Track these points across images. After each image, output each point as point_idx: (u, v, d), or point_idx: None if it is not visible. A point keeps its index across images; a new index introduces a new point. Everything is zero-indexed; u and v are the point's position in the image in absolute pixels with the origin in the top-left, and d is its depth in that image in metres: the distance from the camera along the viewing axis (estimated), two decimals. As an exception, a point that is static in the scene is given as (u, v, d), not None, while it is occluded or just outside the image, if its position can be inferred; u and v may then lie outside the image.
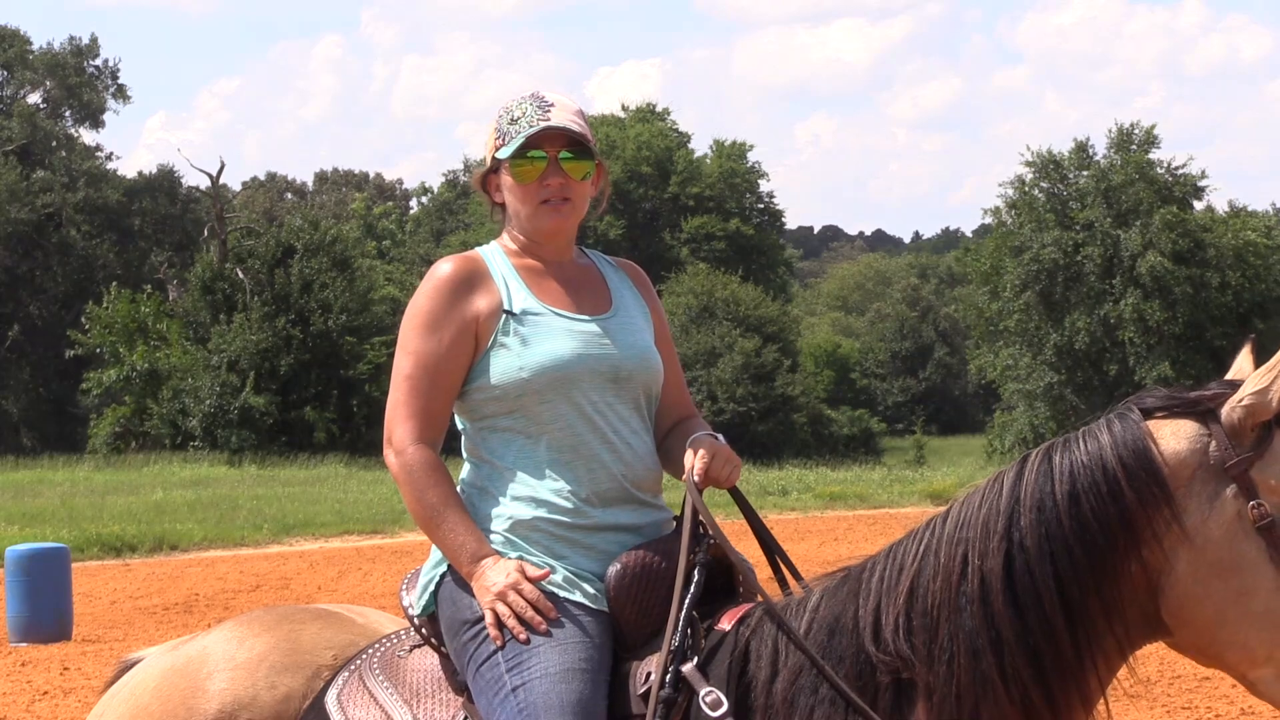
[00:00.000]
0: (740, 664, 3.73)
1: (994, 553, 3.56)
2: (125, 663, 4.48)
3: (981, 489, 3.68)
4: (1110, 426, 3.60)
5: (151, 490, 37.21)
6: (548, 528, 3.89)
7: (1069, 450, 3.61)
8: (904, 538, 3.76)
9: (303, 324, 55.02)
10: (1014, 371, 61.78)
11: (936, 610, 3.59)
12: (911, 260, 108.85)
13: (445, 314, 3.94)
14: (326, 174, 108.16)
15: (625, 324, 4.05)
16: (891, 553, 3.73)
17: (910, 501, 34.25)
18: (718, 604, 3.89)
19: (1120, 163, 60.95)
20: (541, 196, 3.99)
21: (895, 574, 3.67)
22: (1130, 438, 3.56)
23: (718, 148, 77.53)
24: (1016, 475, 3.63)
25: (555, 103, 4.04)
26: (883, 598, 3.65)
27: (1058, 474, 3.58)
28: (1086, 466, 3.56)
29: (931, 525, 3.72)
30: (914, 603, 3.62)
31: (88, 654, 15.32)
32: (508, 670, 3.77)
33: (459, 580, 3.91)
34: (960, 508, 3.68)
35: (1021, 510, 3.57)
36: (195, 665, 4.18)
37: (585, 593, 3.86)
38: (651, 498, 4.03)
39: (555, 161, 3.99)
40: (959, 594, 3.57)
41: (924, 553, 3.66)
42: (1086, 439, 3.61)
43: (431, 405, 3.94)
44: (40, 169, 72.89)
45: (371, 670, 4.06)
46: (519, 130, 3.99)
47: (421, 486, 3.90)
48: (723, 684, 3.70)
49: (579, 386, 3.92)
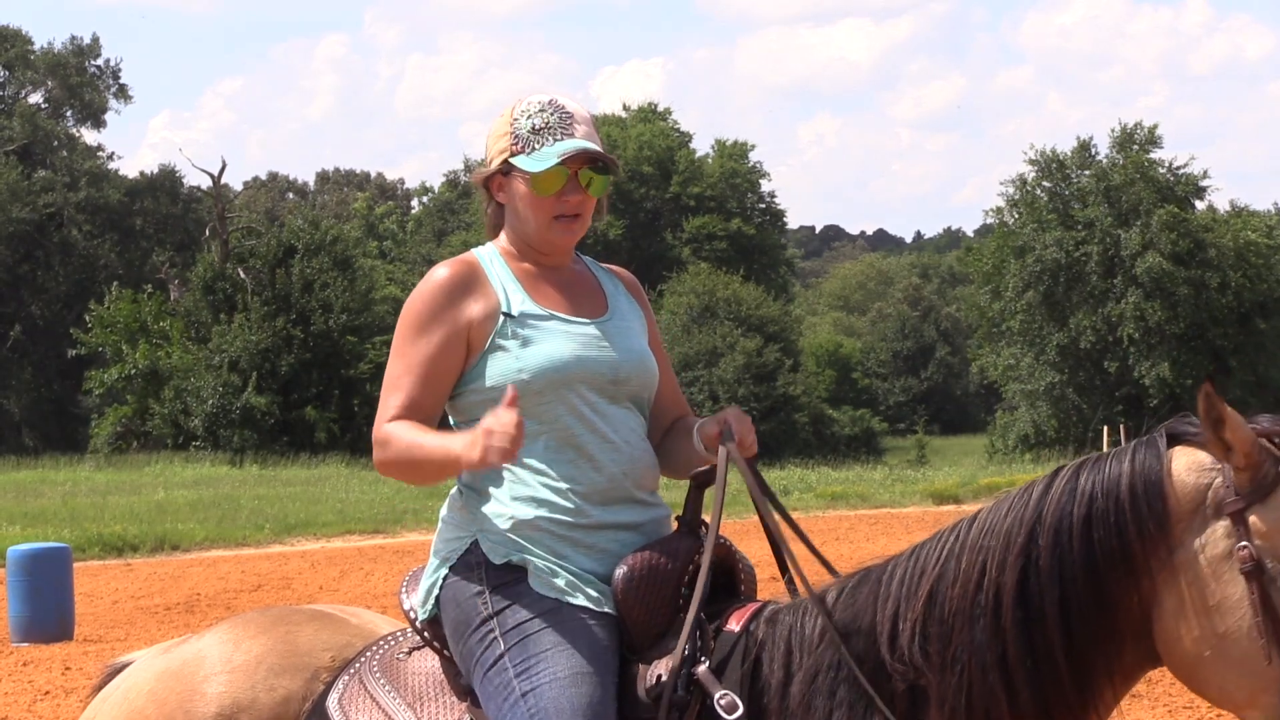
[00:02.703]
0: (754, 666, 3.72)
1: (1011, 567, 3.55)
2: (113, 666, 4.44)
3: (1011, 497, 3.66)
4: (1135, 453, 3.57)
5: (153, 490, 37.23)
6: (550, 527, 3.88)
7: (1095, 471, 3.59)
8: (929, 539, 3.74)
9: (304, 324, 55.04)
10: (1016, 371, 61.80)
11: (952, 619, 3.58)
12: (913, 260, 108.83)
13: (436, 318, 3.94)
14: (328, 174, 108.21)
15: (622, 328, 4.06)
16: (915, 554, 3.72)
17: (912, 501, 34.24)
18: (720, 604, 3.88)
19: (1121, 162, 60.96)
20: (556, 211, 3.99)
21: (916, 578, 3.66)
22: (1147, 468, 3.53)
23: (719, 147, 77.54)
24: (1045, 488, 3.61)
25: (574, 113, 4.02)
26: (902, 603, 3.64)
27: (1079, 495, 3.56)
28: (1104, 492, 3.54)
29: (958, 528, 3.70)
30: (932, 609, 3.60)
31: (89, 654, 15.31)
32: (516, 675, 3.76)
33: (463, 582, 3.90)
34: (989, 514, 3.66)
35: (1042, 528, 3.56)
36: (191, 668, 4.15)
37: (590, 596, 3.84)
38: (650, 496, 4.03)
39: (575, 178, 3.98)
40: (975, 604, 3.57)
41: (946, 557, 3.64)
42: (1112, 462, 3.59)
43: (420, 405, 3.94)
44: (42, 169, 72.94)
45: (372, 673, 4.04)
46: (543, 142, 3.97)
47: (398, 439, 3.89)
48: (736, 686, 3.69)
49: (577, 388, 3.92)
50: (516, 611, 3.83)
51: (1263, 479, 3.43)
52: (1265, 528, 3.41)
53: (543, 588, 3.84)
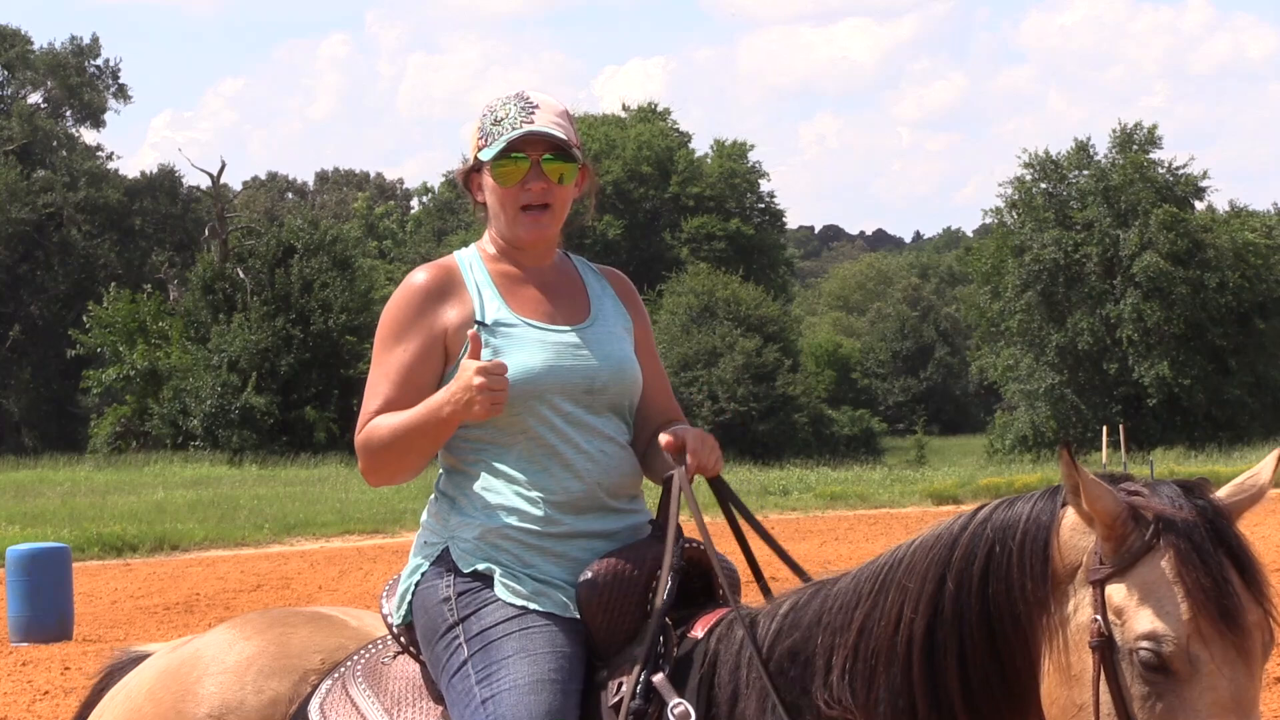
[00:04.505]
0: (710, 675, 3.69)
1: (923, 612, 3.43)
2: (129, 655, 4.49)
3: (939, 530, 3.51)
4: (1036, 502, 3.41)
5: (152, 490, 37.23)
6: (518, 535, 3.87)
7: (1005, 514, 3.42)
8: (872, 562, 3.64)
9: (303, 324, 55.04)
10: (1015, 372, 61.79)
11: (875, 658, 3.47)
12: (912, 260, 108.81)
13: (412, 325, 3.93)
14: (327, 174, 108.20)
15: (602, 334, 4.02)
16: (856, 577, 3.62)
17: (911, 502, 34.25)
18: (695, 608, 3.86)
19: (1121, 162, 60.96)
20: (522, 201, 3.97)
21: (852, 606, 3.56)
22: (1038, 522, 3.36)
23: (718, 147, 77.51)
24: (962, 527, 3.46)
25: (540, 104, 4.01)
26: (836, 634, 3.55)
27: (983, 542, 3.40)
28: (1000, 542, 3.37)
29: (896, 554, 3.57)
30: (861, 644, 3.50)
31: (89, 654, 15.31)
32: (478, 682, 3.75)
33: (432, 589, 3.90)
34: (915, 548, 3.52)
35: (950, 573, 3.42)
36: (187, 668, 4.18)
37: (555, 601, 3.83)
38: (627, 504, 4.00)
39: (537, 165, 3.96)
40: (893, 644, 3.46)
41: (878, 590, 3.52)
42: (1018, 508, 3.42)
43: (399, 410, 3.92)
44: (41, 169, 72.95)
45: (355, 677, 4.04)
46: (502, 131, 3.96)
47: (378, 429, 3.89)
48: (694, 695, 3.66)
49: (550, 398, 3.90)
50: (481, 618, 3.82)
51: (1128, 549, 3.23)
52: (1119, 602, 3.22)
53: (508, 595, 3.83)
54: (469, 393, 3.74)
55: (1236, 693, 3.17)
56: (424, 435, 3.84)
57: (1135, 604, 3.22)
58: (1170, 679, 3.18)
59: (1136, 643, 3.19)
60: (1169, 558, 3.21)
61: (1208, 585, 3.19)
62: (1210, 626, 3.17)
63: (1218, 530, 3.26)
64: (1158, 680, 3.18)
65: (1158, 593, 3.20)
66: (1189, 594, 3.19)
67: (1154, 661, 3.18)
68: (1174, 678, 3.18)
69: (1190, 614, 3.17)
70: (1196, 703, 3.16)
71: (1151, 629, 3.18)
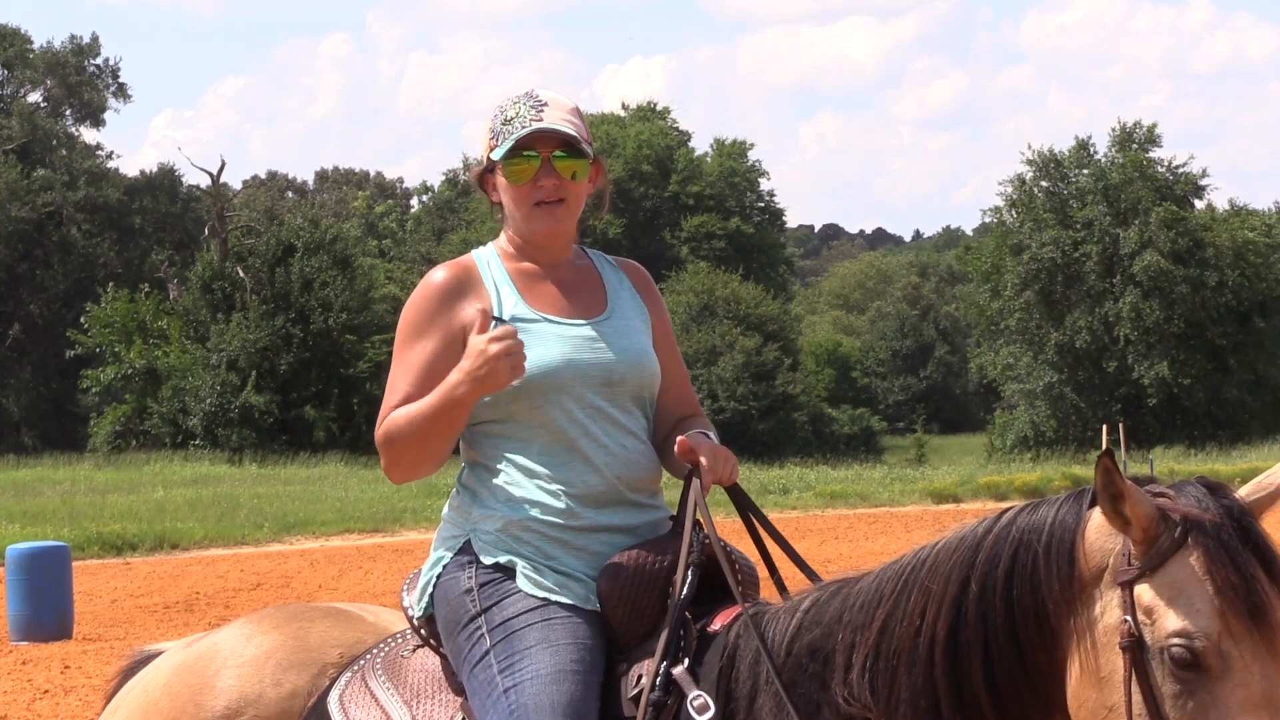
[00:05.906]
0: (729, 668, 3.71)
1: (945, 614, 3.46)
2: (143, 654, 4.50)
3: (962, 533, 3.55)
4: (1061, 505, 3.44)
5: (152, 489, 37.22)
6: (539, 528, 3.89)
7: (1029, 517, 3.45)
8: (895, 561, 3.66)
9: (303, 322, 55.02)
10: (1015, 370, 61.80)
11: (896, 658, 3.50)
12: (912, 258, 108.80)
13: (431, 322, 3.96)
14: (327, 173, 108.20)
15: (620, 327, 4.04)
16: (879, 577, 3.64)
17: (911, 500, 34.26)
18: (715, 603, 3.87)
19: (1121, 161, 60.96)
20: (535, 198, 3.99)
21: (874, 605, 3.58)
22: (1064, 525, 3.40)
23: (718, 146, 77.56)
24: (987, 530, 3.49)
25: (549, 102, 4.03)
26: (858, 633, 3.57)
27: (1009, 544, 3.43)
28: (1026, 545, 3.41)
29: (919, 555, 3.59)
30: (882, 643, 3.53)
31: (88, 653, 15.32)
32: (499, 672, 3.77)
33: (454, 580, 3.92)
34: (942, 548, 3.55)
35: (974, 575, 3.45)
36: (205, 662, 4.19)
37: (575, 593, 3.85)
38: (648, 498, 4.02)
39: (548, 162, 3.98)
40: (915, 645, 3.48)
41: (900, 590, 3.55)
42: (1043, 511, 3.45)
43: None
44: (41, 168, 72.90)
45: (374, 670, 4.06)
46: (512, 130, 3.99)
47: (397, 419, 3.90)
48: (713, 688, 3.68)
49: (570, 391, 3.92)
50: (504, 609, 3.84)
51: (1157, 550, 3.27)
52: (1148, 602, 3.26)
53: (530, 586, 3.85)
54: (486, 363, 3.77)
55: (1269, 689, 3.20)
56: (441, 419, 3.86)
57: (1165, 603, 3.25)
58: (1202, 676, 3.21)
59: (1168, 640, 3.22)
60: (1197, 556, 3.25)
61: (1237, 583, 3.22)
62: (1240, 623, 3.21)
63: (1244, 529, 3.30)
64: (1189, 678, 3.21)
65: (1188, 591, 3.24)
66: (1219, 591, 3.22)
67: (1187, 658, 3.21)
68: (1206, 675, 3.21)
69: (1221, 611, 3.21)
70: (1229, 699, 3.19)
71: (1183, 626, 3.22)
